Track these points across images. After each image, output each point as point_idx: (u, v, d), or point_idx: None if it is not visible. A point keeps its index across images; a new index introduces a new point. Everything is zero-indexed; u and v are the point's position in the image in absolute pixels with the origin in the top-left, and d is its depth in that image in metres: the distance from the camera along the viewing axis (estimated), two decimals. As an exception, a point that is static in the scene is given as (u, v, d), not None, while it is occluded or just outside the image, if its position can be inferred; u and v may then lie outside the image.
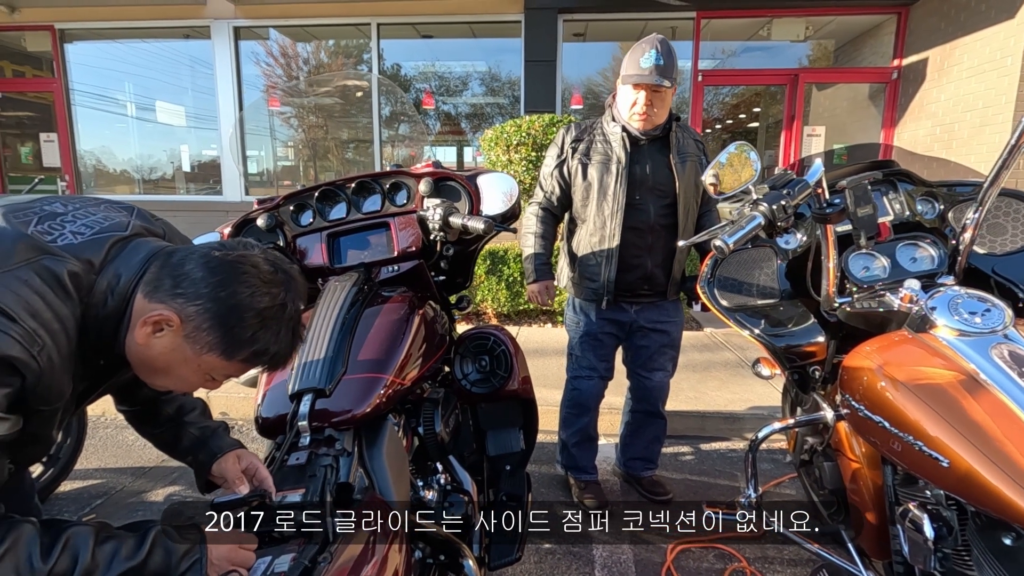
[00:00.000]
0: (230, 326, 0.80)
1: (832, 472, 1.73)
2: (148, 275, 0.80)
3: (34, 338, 0.69)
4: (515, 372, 1.63)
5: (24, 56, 7.03)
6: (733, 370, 3.58)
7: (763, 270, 1.54)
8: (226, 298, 0.79)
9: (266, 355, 0.85)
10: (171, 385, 0.86)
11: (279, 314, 0.84)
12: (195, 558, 0.81)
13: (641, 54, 1.87)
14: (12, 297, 0.68)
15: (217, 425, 1.12)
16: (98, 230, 0.82)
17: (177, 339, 0.80)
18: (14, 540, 0.69)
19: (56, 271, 0.73)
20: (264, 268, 0.83)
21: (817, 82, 6.32)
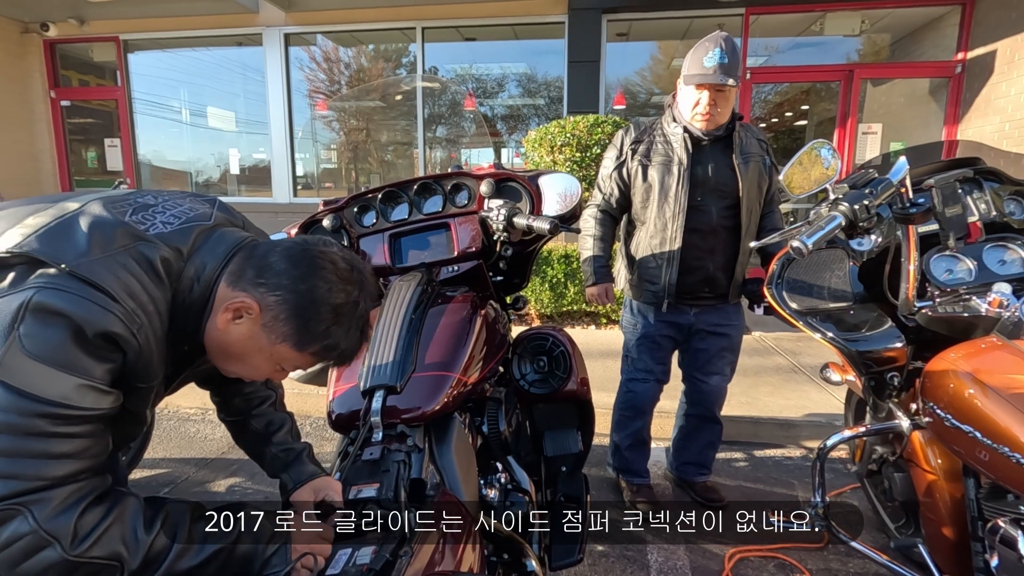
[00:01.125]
0: (306, 319, 0.82)
1: (904, 483, 1.66)
2: (232, 265, 0.83)
3: (134, 317, 0.73)
4: (574, 373, 1.63)
5: (90, 66, 7.42)
6: (786, 375, 3.48)
7: (834, 272, 1.49)
8: (305, 291, 0.81)
9: (336, 350, 0.87)
10: (242, 372, 0.89)
11: (352, 311, 0.86)
12: (281, 542, 0.83)
13: (704, 53, 1.83)
14: (113, 279, 0.72)
15: (301, 449, 1.13)
16: (185, 220, 0.85)
17: (255, 327, 0.82)
18: (121, 511, 0.73)
19: (150, 257, 0.77)
20: (342, 266, 0.85)
21: (873, 78, 6.08)
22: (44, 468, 0.67)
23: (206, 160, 7.69)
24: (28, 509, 0.65)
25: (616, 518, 2.21)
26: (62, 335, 0.68)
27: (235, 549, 0.80)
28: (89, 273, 0.70)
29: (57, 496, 0.68)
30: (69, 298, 0.68)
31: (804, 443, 2.82)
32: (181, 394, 2.82)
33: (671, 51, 6.55)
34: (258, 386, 1.15)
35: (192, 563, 0.76)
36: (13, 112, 6.84)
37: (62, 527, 0.67)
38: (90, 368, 0.70)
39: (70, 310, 0.68)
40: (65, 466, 0.69)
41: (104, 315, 0.70)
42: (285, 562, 0.83)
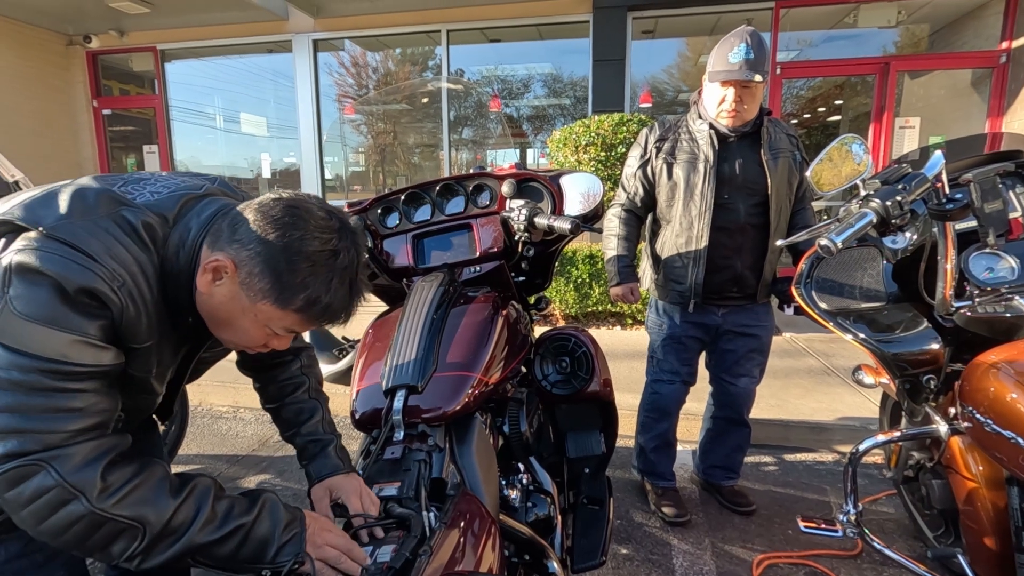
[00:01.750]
0: (279, 270, 0.78)
1: (942, 491, 1.60)
2: (213, 227, 0.82)
3: (115, 275, 0.73)
4: (596, 374, 1.61)
5: (129, 76, 7.70)
6: (817, 377, 3.39)
7: (867, 271, 1.44)
8: (275, 240, 0.78)
9: (318, 304, 0.81)
10: (236, 339, 0.87)
11: (330, 260, 0.81)
12: (295, 531, 0.84)
13: (729, 49, 1.80)
14: (92, 240, 0.72)
15: (328, 441, 1.13)
16: (174, 189, 0.86)
17: (234, 287, 0.80)
18: (148, 474, 0.75)
19: (133, 221, 0.78)
20: (317, 214, 0.81)
21: (911, 70, 5.88)
22: (55, 423, 0.69)
23: (239, 164, 7.91)
24: (50, 464, 0.68)
25: (641, 521, 2.18)
26: (47, 293, 0.69)
27: (253, 530, 0.81)
28: (66, 234, 0.71)
29: (78, 452, 0.70)
30: (47, 257, 0.69)
31: (837, 447, 2.74)
32: (213, 391, 2.90)
33: (699, 47, 6.46)
34: (293, 372, 1.17)
35: (211, 537, 0.77)
36: (59, 121, 7.14)
37: (87, 480, 0.69)
38: (82, 325, 0.71)
39: (49, 268, 0.69)
40: (76, 421, 0.70)
41: (83, 272, 0.70)
42: (297, 553, 0.83)
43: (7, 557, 0.85)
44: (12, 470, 0.67)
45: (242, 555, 0.80)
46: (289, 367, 1.17)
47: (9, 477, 0.67)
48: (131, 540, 0.72)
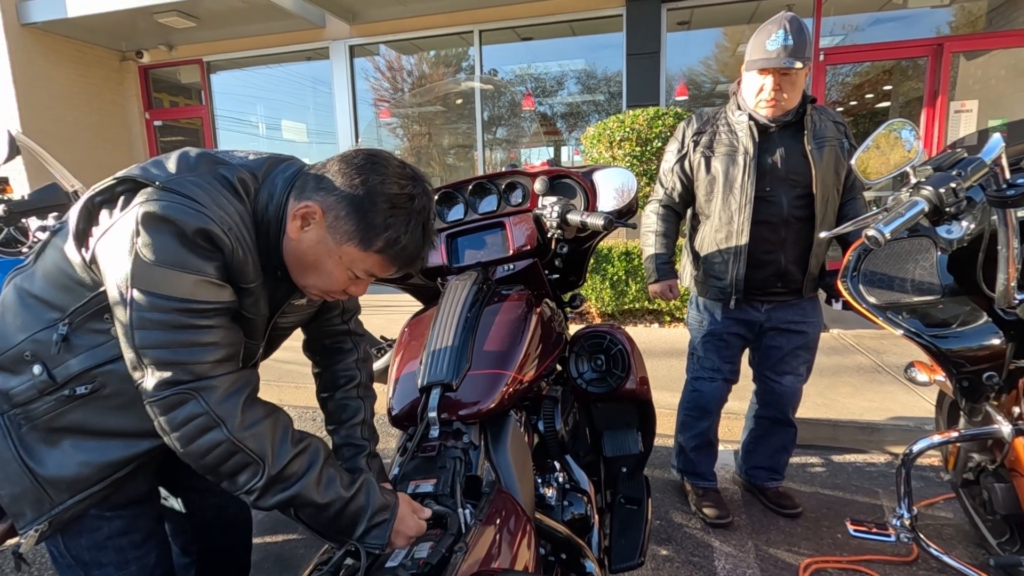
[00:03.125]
0: (364, 211, 0.86)
1: (1006, 495, 1.51)
2: (298, 181, 0.91)
3: (224, 219, 0.82)
4: (632, 372, 1.59)
5: (178, 88, 8.06)
6: (868, 375, 3.25)
7: (919, 263, 1.37)
8: (359, 185, 0.86)
9: (398, 244, 0.88)
10: (320, 283, 0.93)
11: (408, 203, 0.88)
12: (385, 518, 0.88)
13: (767, 36, 1.74)
14: (200, 191, 0.81)
15: (361, 448, 1.16)
16: (260, 156, 0.96)
17: (321, 230, 0.87)
18: (277, 417, 0.85)
19: (229, 177, 0.87)
20: (395, 163, 0.90)
21: (966, 51, 5.56)
22: (197, 355, 0.79)
23: (281, 171, 8.15)
24: (199, 394, 0.78)
25: (681, 522, 2.14)
26: (169, 239, 0.78)
27: (349, 505, 0.86)
28: (179, 186, 0.80)
29: (221, 383, 0.80)
30: (167, 205, 0.78)
31: (889, 448, 2.62)
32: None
33: (737, 37, 6.28)
34: (349, 363, 1.21)
35: (313, 498, 0.83)
36: (115, 133, 7.53)
37: (230, 410, 0.79)
38: (201, 266, 0.80)
39: (170, 214, 0.77)
40: (214, 352, 0.80)
41: (199, 216, 0.79)
42: (383, 538, 0.87)
43: (111, 534, 0.97)
44: (169, 397, 0.78)
45: (335, 525, 0.87)
46: (347, 357, 1.22)
47: (167, 403, 0.78)
48: (253, 474, 0.81)
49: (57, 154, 2.76)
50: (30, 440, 0.90)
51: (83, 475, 0.91)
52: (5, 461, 0.89)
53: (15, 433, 0.89)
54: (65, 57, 6.81)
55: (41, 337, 0.88)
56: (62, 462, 0.90)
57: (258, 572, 1.93)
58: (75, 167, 3.04)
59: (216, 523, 1.27)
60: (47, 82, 6.60)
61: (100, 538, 0.96)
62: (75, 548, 0.96)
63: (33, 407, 0.89)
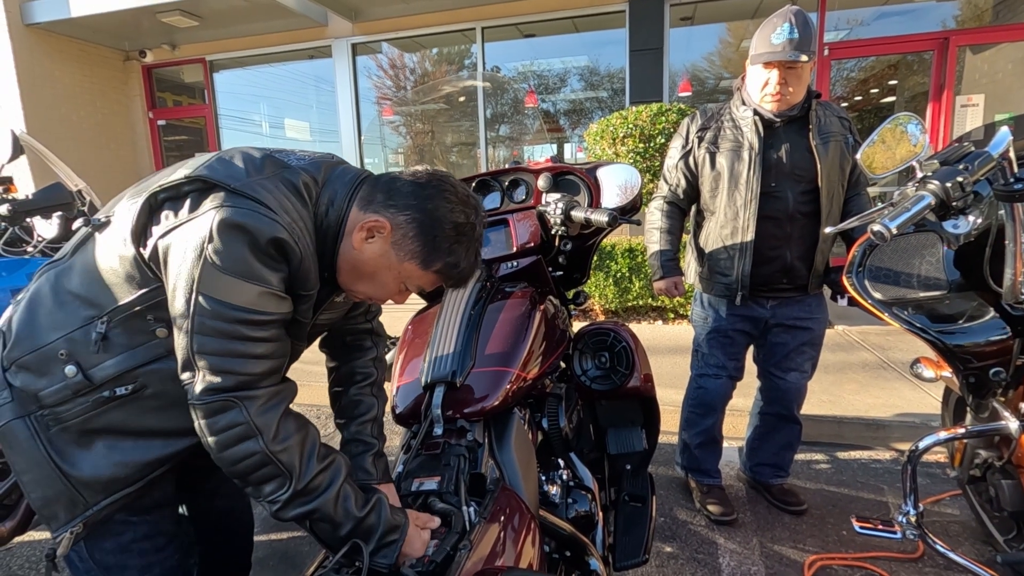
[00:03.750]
0: (432, 235, 0.89)
1: (1013, 491, 1.50)
2: (362, 191, 0.92)
3: (293, 226, 0.83)
4: (636, 369, 1.58)
5: (181, 87, 8.07)
6: (873, 372, 3.23)
7: (925, 258, 1.36)
8: (432, 210, 0.89)
9: (456, 268, 0.93)
10: (370, 291, 0.95)
11: (471, 232, 0.93)
12: (394, 539, 0.87)
13: (772, 30, 1.73)
14: (271, 197, 0.82)
15: (369, 447, 1.14)
16: (315, 157, 0.96)
17: (386, 245, 0.90)
18: (307, 432, 0.86)
19: (295, 181, 0.87)
20: (461, 191, 0.93)
21: (973, 44, 5.51)
22: (249, 365, 0.80)
23: (284, 169, 8.15)
24: (243, 403, 0.79)
25: (685, 519, 2.14)
26: (242, 248, 0.78)
27: (360, 525, 0.87)
28: (253, 191, 0.81)
29: (263, 395, 0.81)
30: (243, 212, 0.78)
31: (895, 445, 2.61)
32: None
33: (740, 32, 6.25)
34: (366, 362, 1.20)
35: (330, 515, 0.85)
36: (119, 133, 7.55)
37: (268, 423, 0.80)
38: (267, 276, 0.81)
39: (246, 222, 0.78)
40: (263, 364, 0.82)
41: (272, 224, 0.80)
42: (392, 558, 0.86)
43: (135, 537, 0.97)
44: (214, 402, 0.79)
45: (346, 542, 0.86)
46: (366, 355, 1.21)
47: (211, 407, 0.79)
48: (279, 486, 0.82)
49: (62, 154, 2.77)
50: (60, 442, 0.88)
51: (120, 475, 0.90)
52: (36, 463, 0.87)
53: (44, 435, 0.87)
54: (69, 57, 6.83)
55: (77, 336, 0.86)
56: (96, 463, 0.88)
57: (263, 569, 1.93)
58: (80, 167, 3.06)
59: (219, 525, 1.27)
60: (51, 82, 6.62)
61: (125, 541, 0.96)
62: (99, 552, 0.95)
63: (64, 408, 0.87)
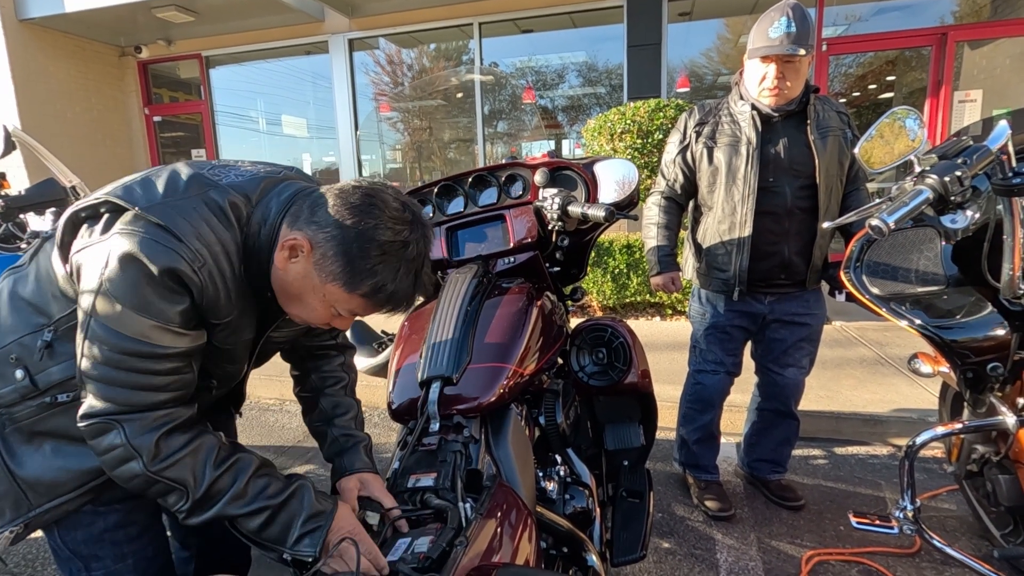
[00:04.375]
0: (351, 255, 0.82)
1: (1010, 486, 1.50)
2: (293, 207, 0.87)
3: (197, 256, 0.79)
4: (634, 365, 1.58)
5: (177, 83, 8.03)
6: (871, 367, 3.23)
7: (923, 253, 1.35)
8: (351, 227, 0.82)
9: (383, 291, 0.85)
10: (303, 315, 0.91)
11: (400, 251, 0.84)
12: (319, 524, 0.87)
13: (770, 24, 1.72)
14: (183, 222, 0.79)
15: (360, 440, 1.15)
16: (256, 173, 0.92)
17: (308, 265, 0.84)
18: (198, 445, 0.84)
19: (219, 201, 0.84)
20: (393, 205, 0.85)
21: (971, 39, 5.50)
22: (134, 397, 0.80)
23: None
24: (121, 425, 0.79)
25: (683, 515, 2.14)
26: (135, 279, 0.76)
27: (279, 513, 0.86)
28: (158, 215, 0.78)
29: (144, 418, 0.80)
30: (139, 239, 0.76)
31: (892, 440, 2.61)
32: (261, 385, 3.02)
33: (739, 28, 6.23)
34: (335, 367, 1.20)
35: (240, 511, 0.84)
36: (115, 130, 7.52)
37: (145, 444, 0.79)
38: (162, 311, 0.78)
39: (141, 252, 0.76)
40: (152, 396, 0.81)
41: (168, 254, 0.77)
42: (317, 544, 0.85)
43: (105, 527, 0.97)
44: (94, 424, 0.80)
45: (267, 534, 0.86)
46: (332, 360, 1.21)
47: (92, 429, 0.80)
48: (179, 497, 0.83)
49: (57, 150, 2.76)
50: (13, 441, 0.90)
51: (61, 480, 0.90)
52: None
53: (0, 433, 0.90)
54: (64, 53, 6.79)
55: (27, 341, 0.88)
56: (42, 465, 0.90)
57: (259, 567, 1.93)
58: (75, 163, 3.04)
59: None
60: (46, 78, 6.58)
61: (96, 532, 0.96)
62: (71, 542, 0.96)
63: (16, 410, 0.89)
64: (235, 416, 1.28)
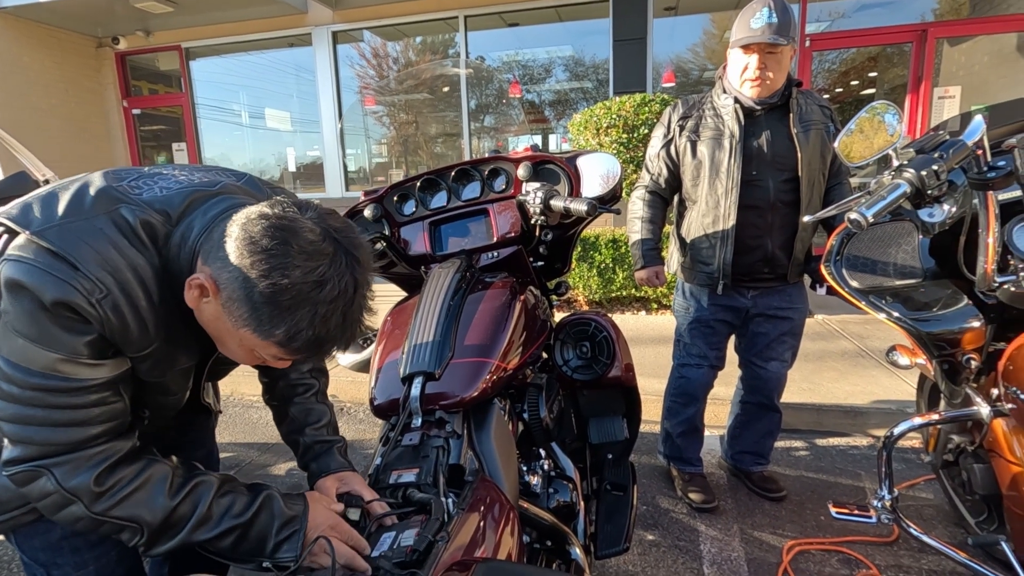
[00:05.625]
0: (255, 302, 0.69)
1: (984, 475, 1.53)
2: (214, 231, 0.74)
3: (96, 286, 0.69)
4: (618, 359, 1.59)
5: (157, 75, 7.88)
6: (852, 360, 3.28)
7: (901, 247, 1.37)
8: (250, 266, 0.69)
9: (300, 338, 0.71)
10: (231, 356, 0.82)
11: (314, 292, 0.70)
12: (295, 528, 0.84)
13: (752, 14, 1.72)
14: (82, 246, 0.70)
15: (334, 442, 1.13)
16: (185, 185, 0.81)
17: (218, 308, 0.73)
18: (147, 477, 0.77)
19: (130, 220, 0.74)
20: (305, 236, 0.70)
21: (951, 36, 5.58)
22: (54, 435, 0.72)
23: (267, 160, 8.03)
24: (49, 471, 0.71)
25: (667, 507, 2.16)
26: (29, 309, 0.68)
27: (250, 528, 0.82)
28: (52, 240, 0.69)
29: (75, 459, 0.72)
30: (26, 269, 0.68)
31: (872, 432, 2.65)
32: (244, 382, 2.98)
33: (724, 23, 6.26)
34: (303, 374, 1.17)
35: (207, 535, 0.79)
36: (92, 123, 7.36)
37: (82, 487, 0.72)
38: (69, 342, 0.70)
39: (27, 281, 0.68)
40: (76, 432, 0.72)
41: (59, 284, 0.68)
42: (297, 548, 0.84)
43: (63, 535, 0.92)
44: (19, 473, 0.72)
45: (242, 549, 0.83)
46: (300, 366, 1.17)
47: (18, 479, 0.73)
48: (133, 534, 0.77)
49: (32, 143, 2.69)
50: None
51: (3, 499, 0.85)
52: None
53: None
54: (38, 43, 6.63)
55: None
56: None
57: (244, 564, 1.91)
58: (50, 156, 2.97)
59: None
60: (20, 69, 6.43)
61: (53, 539, 0.92)
62: (30, 549, 0.92)
63: None
64: (214, 414, 1.25)
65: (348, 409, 3.18)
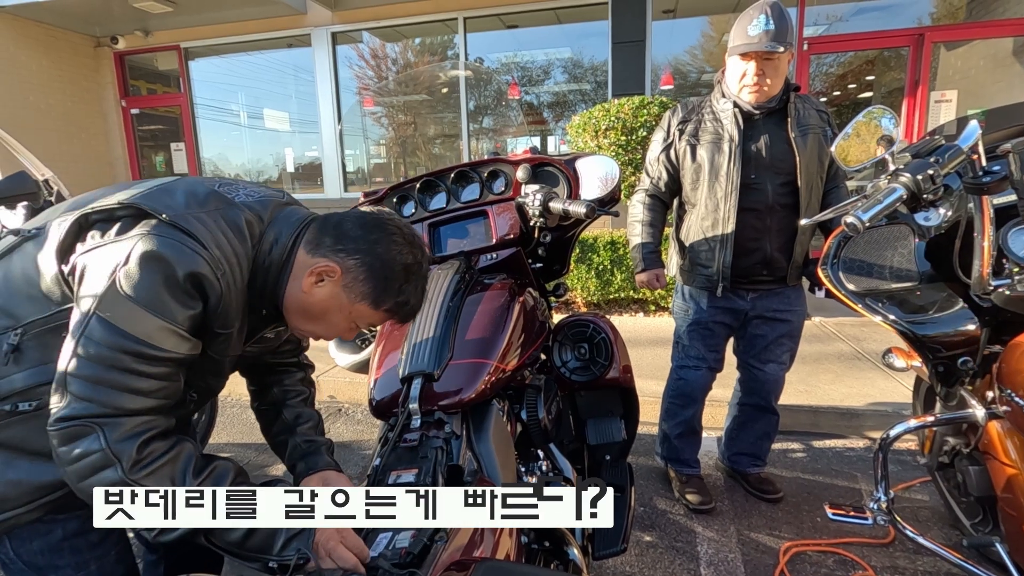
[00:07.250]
0: (383, 278, 0.92)
1: (979, 477, 1.54)
2: (309, 234, 0.93)
3: (219, 263, 0.83)
4: (616, 360, 1.59)
5: (156, 75, 7.87)
6: (848, 362, 3.30)
7: (897, 250, 1.38)
8: (381, 254, 0.91)
9: (407, 306, 0.96)
10: (319, 331, 0.98)
11: (419, 270, 0.96)
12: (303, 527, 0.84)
13: (749, 21, 1.74)
14: (204, 230, 0.83)
15: (322, 443, 1.17)
16: (264, 195, 0.98)
17: (336, 288, 0.91)
18: (178, 452, 0.83)
19: (236, 218, 0.89)
20: (406, 231, 0.95)
21: (947, 40, 5.61)
22: (119, 399, 0.77)
23: (265, 160, 8.02)
24: (101, 429, 0.76)
25: (665, 508, 2.16)
26: (155, 278, 0.78)
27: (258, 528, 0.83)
28: (185, 223, 0.82)
29: (127, 423, 0.78)
30: (167, 243, 0.79)
31: (868, 433, 2.66)
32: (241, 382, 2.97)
33: (722, 26, 6.28)
34: (295, 380, 1.21)
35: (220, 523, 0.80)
36: (90, 123, 7.35)
37: (126, 450, 0.77)
38: (174, 312, 0.80)
39: (167, 253, 0.78)
40: (138, 401, 0.79)
41: (194, 258, 0.80)
42: (307, 547, 0.83)
43: (65, 535, 0.93)
44: (70, 427, 0.76)
45: (250, 544, 0.83)
46: (293, 375, 1.22)
47: (67, 433, 0.76)
48: None
49: (30, 142, 2.69)
50: None
51: (10, 495, 0.86)
52: None
53: None
54: (36, 42, 6.61)
55: None
56: None
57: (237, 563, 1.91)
58: (48, 155, 2.96)
59: None
60: (17, 68, 6.41)
61: (54, 540, 0.92)
62: (27, 554, 0.91)
63: None
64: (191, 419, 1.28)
65: (346, 410, 3.18)
